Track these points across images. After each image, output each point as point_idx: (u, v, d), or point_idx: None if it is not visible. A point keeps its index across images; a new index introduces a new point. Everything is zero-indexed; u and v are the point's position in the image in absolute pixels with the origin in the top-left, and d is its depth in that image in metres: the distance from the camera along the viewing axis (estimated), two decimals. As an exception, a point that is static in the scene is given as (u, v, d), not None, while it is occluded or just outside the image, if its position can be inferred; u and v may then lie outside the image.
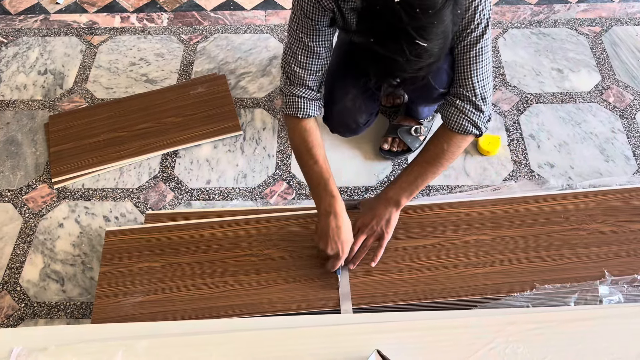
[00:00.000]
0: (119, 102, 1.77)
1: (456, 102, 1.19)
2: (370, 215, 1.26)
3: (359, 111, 1.39)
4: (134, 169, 1.62)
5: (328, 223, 1.18)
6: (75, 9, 2.11)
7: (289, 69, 1.22)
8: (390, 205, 1.25)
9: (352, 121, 1.41)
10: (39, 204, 1.56)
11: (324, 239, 1.19)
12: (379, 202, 1.26)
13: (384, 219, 1.25)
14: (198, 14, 2.07)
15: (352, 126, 1.43)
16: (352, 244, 1.22)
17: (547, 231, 1.31)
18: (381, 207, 1.25)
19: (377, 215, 1.25)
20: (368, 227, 1.25)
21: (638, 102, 1.71)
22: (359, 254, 1.26)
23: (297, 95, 1.22)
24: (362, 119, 1.41)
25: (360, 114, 1.39)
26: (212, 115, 1.71)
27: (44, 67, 1.91)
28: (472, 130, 1.19)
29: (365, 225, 1.25)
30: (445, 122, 1.22)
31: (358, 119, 1.40)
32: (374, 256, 1.25)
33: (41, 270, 1.44)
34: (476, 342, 1.05)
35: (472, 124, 1.19)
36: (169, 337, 1.10)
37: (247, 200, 1.54)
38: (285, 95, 1.24)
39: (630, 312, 1.11)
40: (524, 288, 1.22)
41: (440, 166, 1.23)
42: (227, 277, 1.27)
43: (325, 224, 1.19)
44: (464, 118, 1.18)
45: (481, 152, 1.60)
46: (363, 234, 1.25)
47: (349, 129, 1.46)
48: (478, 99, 1.17)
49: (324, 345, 1.06)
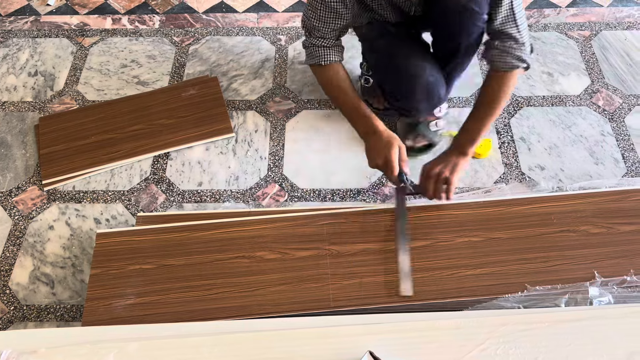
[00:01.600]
0: (110, 104, 1.76)
1: (495, 43, 1.26)
2: (437, 162, 1.34)
3: (440, 84, 1.41)
4: (125, 171, 1.62)
5: (369, 140, 1.31)
6: (66, 11, 2.10)
7: (309, 23, 1.31)
8: (456, 153, 1.33)
9: (434, 95, 1.42)
10: (29, 206, 1.55)
11: (370, 156, 1.32)
12: (446, 152, 1.36)
13: (450, 164, 1.32)
14: (190, 16, 2.07)
15: (433, 100, 1.45)
16: (428, 189, 1.32)
17: (537, 233, 1.32)
18: (448, 155, 1.34)
19: (443, 161, 1.33)
20: (435, 173, 1.32)
21: (627, 106, 1.73)
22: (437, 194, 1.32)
23: (318, 45, 1.34)
24: (442, 92, 1.43)
25: (441, 86, 1.42)
26: (204, 117, 1.71)
27: (34, 69, 1.90)
28: (518, 64, 1.26)
29: (432, 171, 1.32)
30: (492, 66, 1.29)
31: (440, 91, 1.42)
32: (447, 196, 1.32)
33: (31, 273, 1.43)
34: (468, 343, 1.06)
35: (517, 59, 1.25)
36: (160, 339, 1.09)
37: (239, 203, 1.54)
38: (307, 47, 1.37)
39: (620, 313, 1.12)
40: (515, 289, 1.23)
41: (499, 107, 1.30)
42: (219, 279, 1.27)
43: (367, 141, 1.32)
44: (508, 55, 1.25)
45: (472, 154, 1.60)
46: (430, 179, 1.32)
47: (430, 104, 1.48)
48: (520, 34, 1.24)
49: (316, 347, 1.06)
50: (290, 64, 1.88)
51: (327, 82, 1.37)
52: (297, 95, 1.79)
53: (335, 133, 1.68)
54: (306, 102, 1.77)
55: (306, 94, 1.79)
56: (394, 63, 1.39)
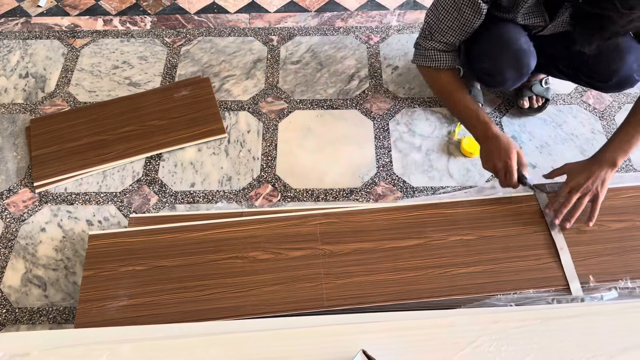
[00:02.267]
0: (102, 105, 1.76)
1: None
2: (585, 175, 1.28)
3: (532, 55, 1.37)
4: (117, 173, 1.61)
5: (488, 145, 1.31)
6: (57, 12, 2.10)
7: (436, 27, 1.32)
8: (606, 165, 1.27)
9: (524, 64, 1.37)
10: (21, 209, 1.54)
11: (489, 161, 1.31)
12: (594, 163, 1.28)
13: (599, 178, 1.27)
14: (182, 17, 2.06)
15: (522, 69, 1.39)
16: (565, 202, 1.29)
17: (529, 231, 1.33)
18: (596, 167, 1.27)
19: (592, 175, 1.27)
20: (583, 186, 1.27)
21: (617, 104, 1.74)
22: (573, 212, 1.29)
23: (438, 49, 1.36)
24: (532, 64, 1.38)
25: (533, 58, 1.38)
26: (196, 118, 1.71)
27: (25, 71, 1.89)
28: None
29: (579, 185, 1.28)
30: None
31: (531, 62, 1.38)
32: (591, 216, 1.29)
33: (23, 276, 1.42)
34: (461, 340, 1.06)
35: None
36: (153, 340, 1.09)
37: (232, 203, 1.54)
38: (425, 48, 1.38)
39: (612, 309, 1.13)
40: (508, 287, 1.23)
41: None
42: (212, 280, 1.27)
43: (485, 149, 1.32)
44: None
45: (464, 153, 1.61)
46: (577, 193, 1.28)
47: (518, 73, 1.40)
48: None
49: (310, 347, 1.06)
50: (283, 64, 1.88)
51: (443, 87, 1.39)
52: (290, 95, 1.79)
53: (328, 133, 1.68)
54: (298, 102, 1.77)
55: (298, 94, 1.79)
56: (488, 29, 1.35)
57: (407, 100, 1.77)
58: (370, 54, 1.91)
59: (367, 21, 2.03)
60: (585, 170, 1.29)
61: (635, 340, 1.06)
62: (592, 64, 1.42)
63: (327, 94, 1.79)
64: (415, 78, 1.82)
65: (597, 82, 1.45)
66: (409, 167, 1.60)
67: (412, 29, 1.98)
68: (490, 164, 1.31)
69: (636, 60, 1.36)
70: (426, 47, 1.38)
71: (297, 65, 1.88)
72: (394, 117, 1.72)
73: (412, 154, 1.62)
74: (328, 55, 1.90)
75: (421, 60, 1.41)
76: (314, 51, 1.92)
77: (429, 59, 1.38)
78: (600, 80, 1.43)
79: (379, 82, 1.82)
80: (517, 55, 1.35)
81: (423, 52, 1.39)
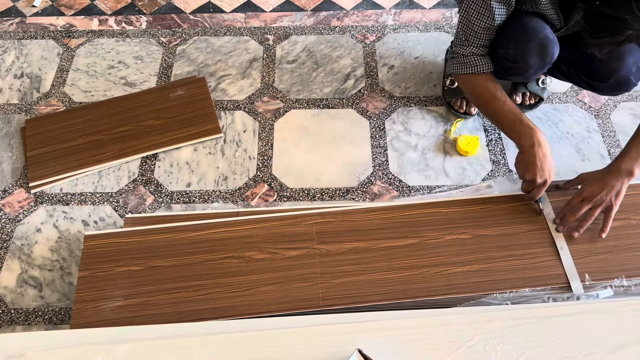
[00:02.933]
0: (97, 106, 1.75)
1: None
2: (600, 185, 1.26)
3: (556, 45, 1.34)
4: (113, 173, 1.61)
5: (534, 152, 1.26)
6: (52, 12, 2.09)
7: (471, 31, 1.33)
8: (622, 176, 1.25)
9: (549, 52, 1.34)
10: (16, 209, 1.54)
11: (531, 168, 1.28)
12: (609, 174, 1.27)
13: (614, 189, 1.25)
14: (177, 16, 2.06)
15: (546, 58, 1.35)
16: (577, 212, 1.28)
17: (526, 229, 1.33)
18: (612, 178, 1.26)
19: (607, 185, 1.25)
20: (597, 197, 1.26)
21: (612, 102, 1.74)
22: (584, 223, 1.28)
23: (476, 54, 1.36)
24: (556, 53, 1.36)
25: (557, 47, 1.35)
26: (192, 117, 1.70)
27: (20, 71, 1.88)
28: None
29: (593, 195, 1.26)
30: None
31: (555, 51, 1.35)
32: (604, 227, 1.28)
33: (18, 276, 1.42)
34: (456, 339, 1.06)
35: None
36: (149, 341, 1.09)
37: (228, 203, 1.54)
38: (465, 55, 1.38)
39: (607, 307, 1.13)
40: (503, 286, 1.24)
41: None
42: (208, 280, 1.27)
43: (530, 154, 1.27)
44: None
45: (460, 152, 1.61)
46: (589, 203, 1.27)
47: (542, 61, 1.37)
48: None
49: (306, 346, 1.06)
50: (278, 63, 1.88)
51: (485, 91, 1.37)
52: (286, 94, 1.79)
53: (324, 132, 1.68)
54: (294, 102, 1.77)
55: (294, 94, 1.79)
56: (514, 19, 1.34)
57: (403, 100, 1.77)
58: (366, 53, 1.90)
59: (363, 20, 2.03)
60: (601, 180, 1.27)
61: (631, 338, 1.07)
62: (592, 62, 1.42)
63: (323, 94, 1.79)
64: (411, 77, 1.82)
65: (596, 81, 1.44)
66: (405, 166, 1.60)
67: (407, 28, 1.98)
68: (531, 174, 1.29)
69: (635, 63, 1.36)
70: (465, 54, 1.38)
71: (293, 65, 1.88)
72: (390, 116, 1.72)
73: (408, 153, 1.62)
74: (324, 55, 1.90)
75: (462, 68, 1.39)
76: (310, 50, 1.92)
77: (470, 66, 1.38)
78: (599, 80, 1.43)
79: (375, 81, 1.82)
80: (543, 43, 1.33)
81: (462, 59, 1.39)
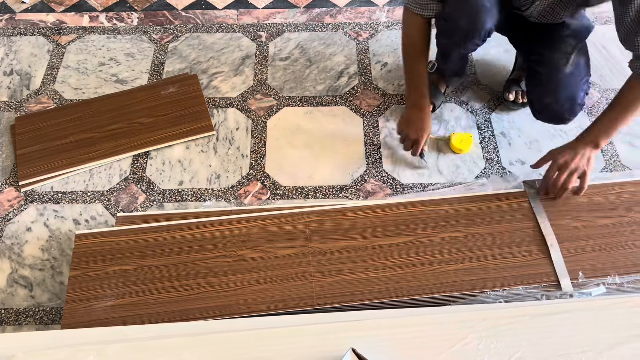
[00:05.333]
0: (88, 103, 1.74)
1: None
2: (571, 154, 1.31)
3: (491, 14, 1.32)
4: (104, 171, 1.59)
5: (414, 114, 1.48)
6: (42, 8, 2.07)
7: None
8: (589, 145, 1.30)
9: (479, 18, 1.32)
10: (6, 208, 1.52)
11: (410, 125, 1.50)
12: (577, 144, 1.32)
13: (585, 156, 1.30)
14: (169, 13, 2.04)
15: (476, 24, 1.33)
16: (557, 182, 1.33)
17: (518, 227, 1.33)
18: (579, 147, 1.31)
19: (578, 153, 1.30)
20: (571, 164, 1.31)
21: (605, 100, 1.74)
22: (561, 192, 1.34)
23: None
24: (488, 24, 1.33)
25: (491, 17, 1.33)
26: (184, 115, 1.69)
27: (9, 68, 1.86)
28: None
29: (567, 163, 1.31)
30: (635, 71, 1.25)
31: (487, 20, 1.32)
32: (580, 187, 1.34)
33: (8, 276, 1.40)
34: (450, 338, 1.06)
35: None
36: (141, 340, 1.08)
37: (221, 201, 1.53)
38: None
39: (600, 305, 1.13)
40: (496, 284, 1.23)
41: (636, 111, 1.26)
42: (200, 279, 1.26)
43: (411, 113, 1.49)
44: None
45: (453, 150, 1.61)
46: (566, 170, 1.31)
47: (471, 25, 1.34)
48: None
49: (299, 345, 1.06)
50: (271, 60, 1.87)
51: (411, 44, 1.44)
52: (279, 92, 1.78)
53: (317, 130, 1.68)
54: (287, 99, 1.76)
55: (287, 91, 1.78)
56: None
57: (396, 97, 1.76)
58: (359, 50, 1.90)
59: (356, 17, 2.02)
60: (570, 149, 1.32)
61: (623, 336, 1.07)
62: (530, 92, 1.50)
63: (316, 91, 1.78)
64: (404, 74, 1.82)
65: (534, 110, 1.52)
66: (398, 164, 1.60)
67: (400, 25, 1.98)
68: (406, 130, 1.50)
69: (569, 99, 1.42)
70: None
71: (286, 62, 1.87)
72: (384, 113, 1.72)
73: (401, 150, 1.62)
74: (317, 52, 1.89)
75: (410, 3, 1.38)
76: (303, 47, 1.91)
77: (416, 4, 1.37)
78: (535, 109, 1.52)
79: (368, 78, 1.82)
80: (476, 9, 1.31)
81: None
